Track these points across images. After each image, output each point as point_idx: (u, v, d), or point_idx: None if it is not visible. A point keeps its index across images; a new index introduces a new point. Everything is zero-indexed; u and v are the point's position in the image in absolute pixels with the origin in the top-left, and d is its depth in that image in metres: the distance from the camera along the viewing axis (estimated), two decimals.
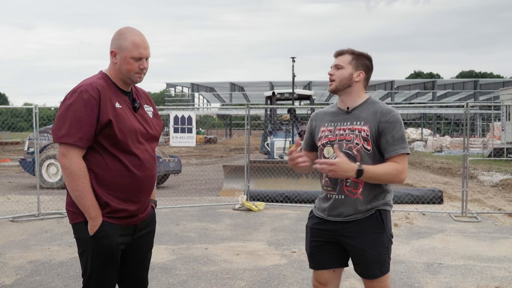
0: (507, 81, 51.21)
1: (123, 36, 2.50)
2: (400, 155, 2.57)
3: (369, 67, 2.73)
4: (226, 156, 27.50)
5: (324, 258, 2.76)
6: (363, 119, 2.63)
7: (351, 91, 2.69)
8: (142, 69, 2.52)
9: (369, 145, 2.59)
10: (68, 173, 2.38)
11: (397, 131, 2.57)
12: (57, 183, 12.44)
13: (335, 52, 2.76)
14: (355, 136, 2.61)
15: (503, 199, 10.13)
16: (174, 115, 10.60)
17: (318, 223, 2.76)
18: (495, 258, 5.43)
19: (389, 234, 2.66)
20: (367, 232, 2.61)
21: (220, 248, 5.88)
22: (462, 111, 11.10)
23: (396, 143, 2.56)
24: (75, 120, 2.36)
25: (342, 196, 2.64)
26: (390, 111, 2.61)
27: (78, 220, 2.46)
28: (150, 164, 2.56)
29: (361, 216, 2.62)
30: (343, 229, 2.65)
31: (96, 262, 2.45)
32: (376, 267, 2.63)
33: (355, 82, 2.68)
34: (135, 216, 2.54)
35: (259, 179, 10.27)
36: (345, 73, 2.67)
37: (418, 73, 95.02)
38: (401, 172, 2.57)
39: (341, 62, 2.69)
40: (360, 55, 2.71)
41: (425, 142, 32.26)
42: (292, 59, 12.55)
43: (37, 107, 8.25)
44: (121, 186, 2.45)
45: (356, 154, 2.60)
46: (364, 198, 2.61)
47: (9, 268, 5.07)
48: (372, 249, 2.60)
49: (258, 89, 53.52)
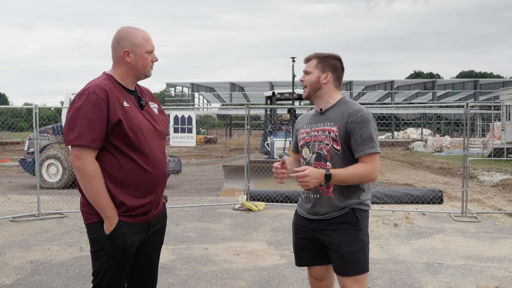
0: (507, 81, 51.18)
1: (132, 34, 2.54)
2: (369, 155, 2.62)
3: (337, 66, 2.79)
4: (226, 156, 27.49)
5: (308, 255, 2.86)
6: (332, 119, 2.72)
7: (322, 94, 2.78)
8: (153, 62, 2.61)
9: (338, 145, 2.66)
10: (82, 174, 2.40)
11: (364, 131, 2.62)
12: (57, 183, 12.44)
13: (304, 59, 2.84)
14: (325, 136, 2.70)
15: (503, 199, 10.12)
16: (174, 115, 10.58)
17: (301, 221, 2.86)
18: (495, 258, 5.43)
19: (365, 232, 2.72)
20: (342, 229, 2.68)
21: (220, 248, 5.88)
22: (462, 111, 11.10)
23: (364, 143, 2.62)
24: (86, 122, 2.38)
25: (317, 195, 2.74)
26: (358, 111, 2.66)
27: (93, 220, 2.49)
28: (162, 161, 2.61)
29: (335, 214, 2.69)
30: (320, 227, 2.73)
31: (111, 261, 2.48)
32: (352, 264, 2.67)
33: (323, 84, 2.76)
34: (148, 213, 2.57)
35: (259, 179, 10.27)
36: (312, 78, 2.77)
37: (418, 73, 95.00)
38: (372, 172, 2.62)
39: (308, 67, 2.80)
40: (326, 57, 2.78)
41: (425, 142, 32.24)
42: (292, 59, 12.55)
43: (37, 107, 8.26)
44: (135, 184, 2.48)
45: (326, 154, 2.69)
46: (336, 196, 2.68)
47: (9, 268, 5.07)
48: (348, 245, 2.66)
49: (258, 89, 53.51)
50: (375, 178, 2.67)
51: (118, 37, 2.55)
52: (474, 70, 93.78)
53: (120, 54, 2.54)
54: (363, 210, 2.72)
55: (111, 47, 2.57)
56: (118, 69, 2.56)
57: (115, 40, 2.55)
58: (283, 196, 9.15)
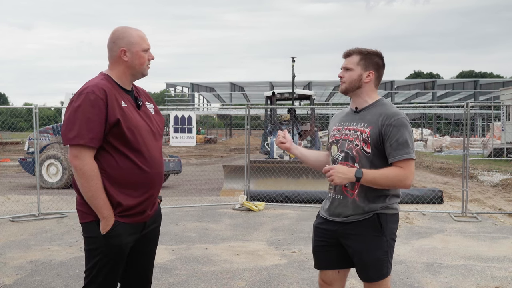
0: (507, 81, 51.18)
1: (128, 33, 2.56)
2: (404, 161, 2.50)
3: (379, 64, 2.68)
4: (226, 156, 27.49)
5: (328, 258, 2.75)
6: (367, 120, 2.60)
7: (361, 92, 2.67)
8: (150, 60, 2.62)
9: (369, 147, 2.56)
10: (81, 174, 2.41)
11: (401, 135, 2.50)
12: (57, 183, 12.44)
13: (343, 53, 2.71)
14: (357, 137, 2.60)
15: (503, 199, 10.13)
16: (174, 115, 10.61)
17: (322, 223, 2.76)
18: (495, 258, 5.43)
19: (389, 238, 2.60)
20: (364, 234, 2.58)
21: (220, 248, 5.88)
22: (462, 111, 11.10)
23: (399, 147, 2.50)
24: (85, 121, 2.38)
25: (341, 197, 2.64)
26: (395, 114, 2.55)
27: (89, 219, 2.50)
28: (159, 161, 2.62)
29: (358, 218, 2.59)
30: (343, 230, 2.64)
31: (105, 260, 2.49)
32: (373, 271, 2.60)
33: (365, 83, 2.65)
34: (144, 213, 2.58)
35: (259, 179, 10.27)
36: (354, 75, 2.64)
37: (418, 73, 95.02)
38: (405, 178, 2.50)
39: (350, 63, 2.65)
40: (369, 54, 2.65)
41: (425, 142, 32.28)
42: (292, 59, 12.54)
43: (37, 107, 8.26)
44: (132, 184, 2.50)
45: (355, 155, 2.59)
46: (360, 199, 2.58)
47: (9, 268, 5.07)
48: (369, 252, 2.58)
49: (258, 89, 53.52)
50: (408, 185, 2.53)
51: (114, 37, 2.56)
52: (474, 70, 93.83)
53: (116, 53, 2.55)
54: (389, 214, 2.60)
55: (108, 47, 2.58)
56: (115, 69, 2.58)
57: (111, 40, 2.57)
58: (283, 196, 9.15)
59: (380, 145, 2.55)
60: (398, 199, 2.66)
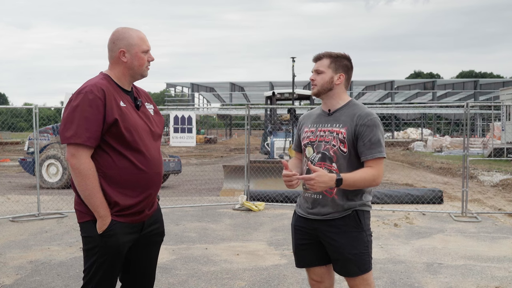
0: (507, 81, 51.20)
1: (127, 34, 2.57)
2: (376, 159, 2.63)
3: (348, 67, 2.79)
4: (226, 156, 27.49)
5: (308, 256, 2.84)
6: (342, 121, 2.70)
7: (332, 94, 2.77)
8: (149, 61, 2.62)
9: (345, 147, 2.66)
10: (77, 173, 2.41)
11: (374, 135, 2.63)
12: (57, 183, 12.44)
13: (313, 57, 2.82)
14: (333, 138, 2.69)
15: (503, 199, 10.13)
16: (174, 115, 10.61)
17: (300, 221, 2.84)
18: (495, 258, 5.43)
19: (367, 233, 2.73)
20: (345, 231, 2.68)
21: (220, 248, 5.88)
22: (462, 111, 11.10)
23: (373, 146, 2.62)
24: (83, 121, 2.39)
25: (319, 196, 2.72)
26: (368, 114, 2.67)
27: (86, 219, 2.51)
28: (157, 161, 2.62)
29: (338, 215, 2.68)
30: (322, 228, 2.72)
31: (102, 260, 2.49)
32: (355, 265, 2.68)
33: (336, 85, 2.75)
34: (142, 212, 2.58)
35: (259, 179, 10.27)
36: (325, 78, 2.74)
37: (418, 73, 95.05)
38: (378, 177, 2.64)
39: (321, 66, 2.76)
40: (338, 57, 2.76)
41: (425, 142, 32.25)
42: (292, 59, 12.54)
43: (37, 107, 8.26)
44: (130, 183, 2.50)
45: (333, 155, 2.69)
46: (339, 197, 2.68)
47: (9, 268, 5.07)
48: (351, 247, 2.67)
49: (258, 89, 53.54)
50: (379, 183, 2.68)
51: (114, 38, 2.57)
52: (474, 70, 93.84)
53: (116, 54, 2.56)
54: (366, 211, 2.74)
55: (108, 47, 2.60)
56: (115, 69, 2.58)
57: (111, 41, 2.58)
58: (283, 196, 9.15)
59: (355, 144, 2.66)
60: (371, 196, 2.80)
